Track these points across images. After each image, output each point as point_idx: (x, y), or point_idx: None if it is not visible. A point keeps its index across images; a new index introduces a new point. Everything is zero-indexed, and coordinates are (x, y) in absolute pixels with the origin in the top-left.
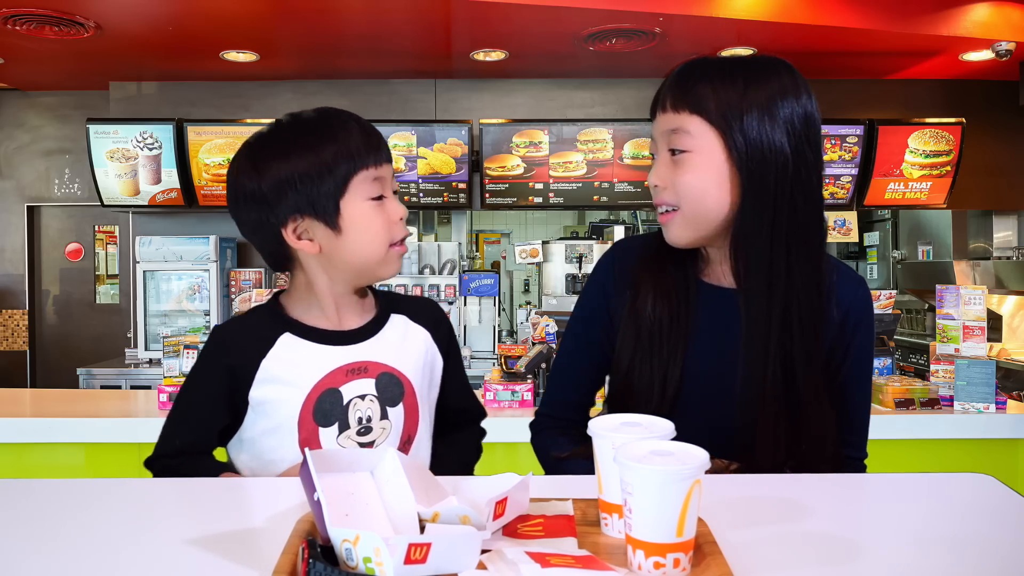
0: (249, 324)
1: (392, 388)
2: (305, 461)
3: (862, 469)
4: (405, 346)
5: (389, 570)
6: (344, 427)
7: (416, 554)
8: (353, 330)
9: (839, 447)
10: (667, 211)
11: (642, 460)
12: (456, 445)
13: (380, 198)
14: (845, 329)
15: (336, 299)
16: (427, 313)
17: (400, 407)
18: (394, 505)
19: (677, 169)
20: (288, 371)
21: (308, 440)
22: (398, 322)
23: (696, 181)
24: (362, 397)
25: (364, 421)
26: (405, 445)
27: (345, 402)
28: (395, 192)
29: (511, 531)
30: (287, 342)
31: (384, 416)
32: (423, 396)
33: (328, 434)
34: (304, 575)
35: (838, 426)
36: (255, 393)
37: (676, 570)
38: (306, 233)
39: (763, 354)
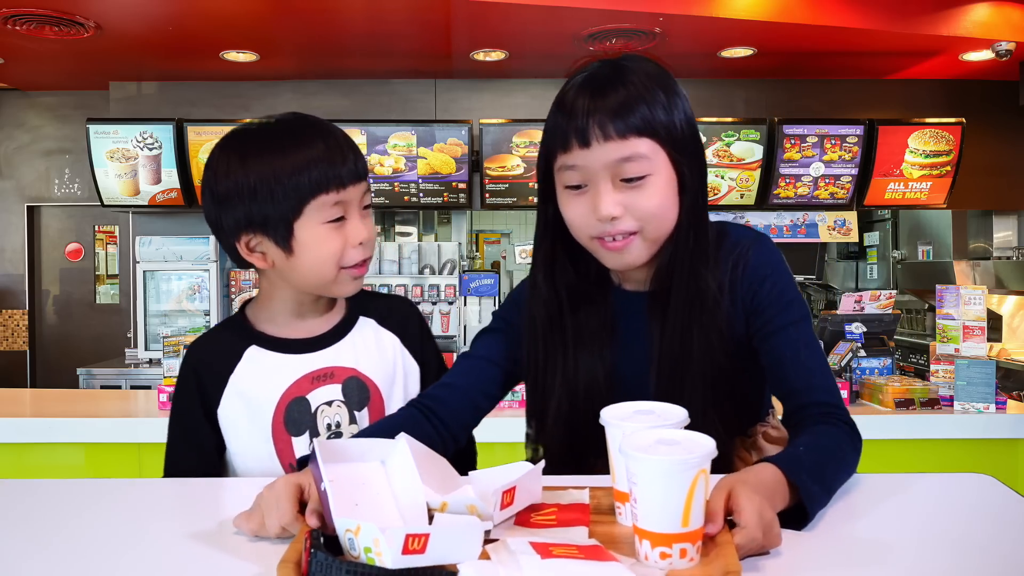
0: (217, 341)
1: (359, 392)
2: (313, 452)
3: (841, 415)
4: (372, 350)
5: (388, 560)
6: (315, 434)
7: (414, 544)
8: (317, 336)
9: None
10: (623, 237)
11: (646, 450)
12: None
13: (340, 219)
14: (742, 293)
15: (299, 306)
16: (396, 316)
17: (366, 412)
18: (403, 495)
19: (637, 194)
20: (256, 384)
21: (283, 451)
22: (366, 326)
23: (659, 202)
24: (329, 403)
25: (333, 427)
26: None
27: (313, 409)
28: (367, 207)
29: (524, 520)
30: (253, 355)
31: (353, 421)
32: (391, 401)
33: (300, 443)
34: (306, 563)
35: (790, 381)
36: (223, 411)
37: (683, 560)
38: (259, 247)
39: (689, 341)
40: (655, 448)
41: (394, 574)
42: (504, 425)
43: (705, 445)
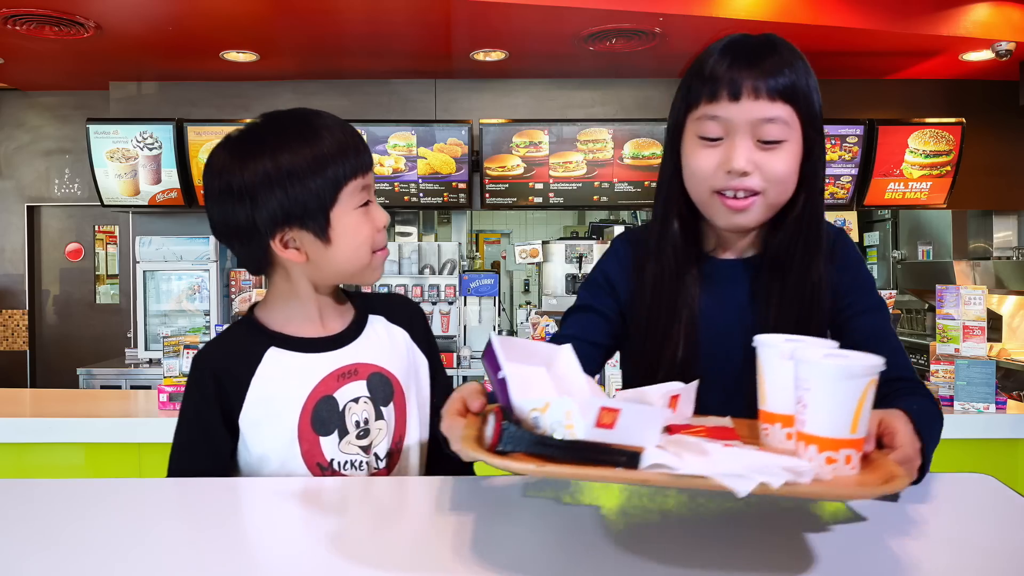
0: (233, 344)
1: (383, 387)
2: (490, 344)
3: (929, 392)
4: (388, 345)
5: (580, 431)
6: (343, 433)
7: (606, 419)
8: (338, 334)
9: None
10: (745, 196)
11: (821, 357)
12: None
13: (366, 204)
14: (829, 277)
15: (319, 303)
16: (402, 312)
17: (391, 406)
18: (573, 395)
19: (771, 156)
20: (281, 386)
21: (309, 451)
22: (378, 323)
23: (789, 168)
24: (356, 400)
25: (361, 424)
26: (396, 444)
27: (341, 407)
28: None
29: (676, 432)
30: (274, 357)
31: (379, 416)
32: (410, 394)
33: (329, 443)
34: (497, 435)
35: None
36: (248, 414)
37: (847, 467)
38: (293, 242)
39: (790, 315)
40: (828, 357)
41: (576, 450)
42: None
43: (875, 358)
